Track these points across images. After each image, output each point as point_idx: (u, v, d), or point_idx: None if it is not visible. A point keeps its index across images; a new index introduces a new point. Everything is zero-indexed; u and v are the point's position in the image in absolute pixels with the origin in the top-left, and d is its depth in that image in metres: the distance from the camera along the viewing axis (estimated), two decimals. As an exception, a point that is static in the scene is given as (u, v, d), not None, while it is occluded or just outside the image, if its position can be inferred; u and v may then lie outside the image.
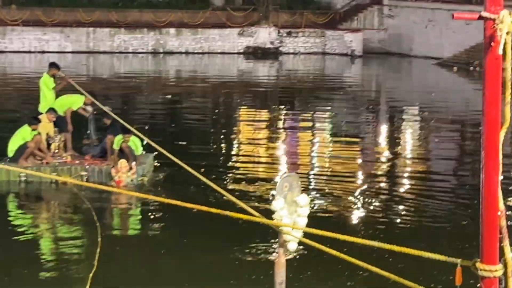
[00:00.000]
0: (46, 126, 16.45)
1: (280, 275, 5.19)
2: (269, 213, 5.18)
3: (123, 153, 15.65)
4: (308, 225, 5.03)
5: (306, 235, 5.02)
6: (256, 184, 15.58)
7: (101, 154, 16.61)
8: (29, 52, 52.05)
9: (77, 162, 16.28)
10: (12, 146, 15.86)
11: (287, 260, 5.19)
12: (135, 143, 16.07)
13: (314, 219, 5.22)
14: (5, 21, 52.50)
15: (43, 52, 51.14)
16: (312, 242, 4.79)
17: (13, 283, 9.76)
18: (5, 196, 14.99)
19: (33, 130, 15.84)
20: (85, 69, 44.93)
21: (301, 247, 5.18)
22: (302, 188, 5.38)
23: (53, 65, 17.78)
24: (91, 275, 9.70)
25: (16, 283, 9.73)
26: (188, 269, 10.71)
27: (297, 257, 9.60)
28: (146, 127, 22.19)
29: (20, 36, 52.77)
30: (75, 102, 17.34)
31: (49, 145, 16.35)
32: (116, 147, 15.74)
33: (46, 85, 17.20)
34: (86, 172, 15.84)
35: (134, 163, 15.54)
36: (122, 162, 15.41)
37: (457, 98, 33.32)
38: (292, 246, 5.16)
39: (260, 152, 19.85)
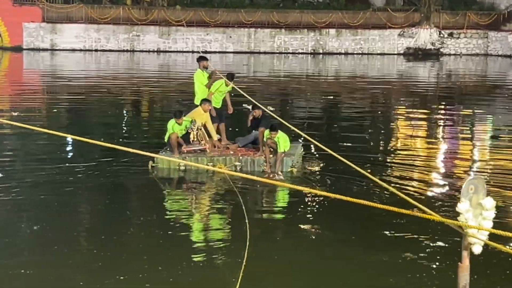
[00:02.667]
0: (202, 116, 17.16)
1: (464, 278, 5.12)
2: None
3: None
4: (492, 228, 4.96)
5: (491, 237, 4.98)
6: (416, 183, 15.37)
7: (247, 145, 17.21)
8: (192, 52, 53.39)
9: (218, 151, 16.89)
10: (166, 138, 16.78)
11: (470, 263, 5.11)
12: (283, 139, 16.20)
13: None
14: (169, 21, 54.12)
15: (206, 52, 52.37)
16: (499, 245, 4.71)
17: (164, 263, 10.02)
18: (164, 182, 15.60)
19: (177, 123, 16.64)
20: (246, 69, 45.61)
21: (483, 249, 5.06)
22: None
23: (201, 58, 18.30)
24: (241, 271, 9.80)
25: (167, 265, 9.99)
26: (355, 268, 10.36)
27: (481, 259, 9.13)
28: (305, 124, 22.46)
29: (183, 37, 54.28)
30: (225, 89, 18.00)
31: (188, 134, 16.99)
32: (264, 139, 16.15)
33: (199, 80, 17.81)
34: (240, 163, 16.34)
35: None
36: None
37: None
38: (477, 249, 5.08)
39: (419, 151, 19.59)
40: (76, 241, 11.31)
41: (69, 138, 18.67)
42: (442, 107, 28.81)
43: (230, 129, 19.09)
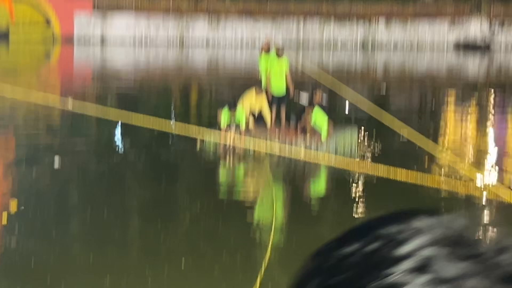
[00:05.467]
0: (254, 100, 17.82)
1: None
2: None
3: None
4: None
5: None
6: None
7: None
8: (241, 42, 53.51)
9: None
10: (222, 123, 17.56)
11: None
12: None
13: None
14: (219, 11, 54.31)
15: (255, 43, 52.51)
16: None
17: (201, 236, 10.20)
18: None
19: (230, 112, 17.35)
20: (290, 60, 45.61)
21: None
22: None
23: (265, 45, 18.98)
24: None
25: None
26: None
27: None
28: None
29: (232, 26, 54.43)
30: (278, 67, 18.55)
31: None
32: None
33: (260, 64, 18.73)
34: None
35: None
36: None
37: None
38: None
39: (466, 145, 19.51)
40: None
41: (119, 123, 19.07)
42: (493, 100, 28.59)
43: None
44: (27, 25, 53.47)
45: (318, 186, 15.35)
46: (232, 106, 17.31)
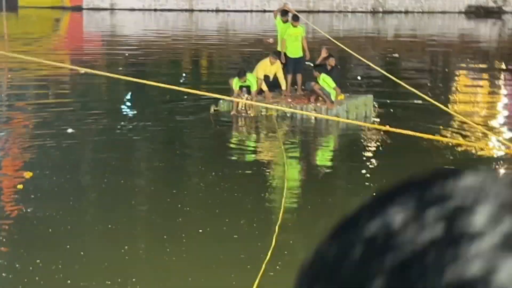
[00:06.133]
0: (269, 68, 17.96)
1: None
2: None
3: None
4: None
5: None
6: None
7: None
8: (251, 11, 53.29)
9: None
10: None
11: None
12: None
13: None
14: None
15: (264, 11, 52.25)
16: None
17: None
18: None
19: (240, 81, 17.34)
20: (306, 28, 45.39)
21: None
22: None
23: (284, 12, 18.90)
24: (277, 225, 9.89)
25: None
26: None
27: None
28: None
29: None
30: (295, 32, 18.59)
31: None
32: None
33: (277, 27, 18.87)
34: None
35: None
36: None
37: None
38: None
39: (478, 109, 19.39)
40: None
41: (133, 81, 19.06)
42: (504, 66, 28.38)
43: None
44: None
45: (329, 148, 15.32)
46: (243, 74, 17.33)
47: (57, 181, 11.74)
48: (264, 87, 17.71)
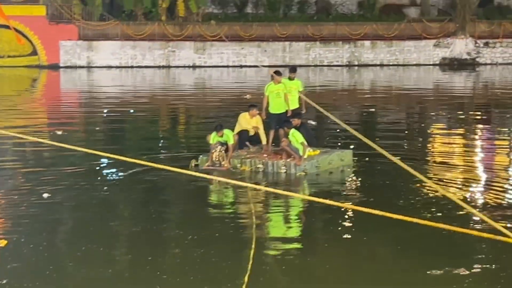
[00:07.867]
0: (249, 121, 18.03)
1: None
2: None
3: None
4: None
5: None
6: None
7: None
8: (227, 66, 53.61)
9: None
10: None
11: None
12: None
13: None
14: (204, 36, 54.35)
15: (241, 66, 52.61)
16: None
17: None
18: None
19: (218, 135, 17.28)
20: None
21: None
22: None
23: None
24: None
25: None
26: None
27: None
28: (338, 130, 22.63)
29: (218, 51, 54.49)
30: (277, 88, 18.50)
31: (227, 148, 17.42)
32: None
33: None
34: (262, 165, 16.97)
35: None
36: None
37: None
38: None
39: (455, 158, 19.50)
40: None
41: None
42: (479, 118, 28.64)
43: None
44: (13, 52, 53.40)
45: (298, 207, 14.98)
46: (220, 129, 17.34)
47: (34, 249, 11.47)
48: (264, 139, 17.84)
